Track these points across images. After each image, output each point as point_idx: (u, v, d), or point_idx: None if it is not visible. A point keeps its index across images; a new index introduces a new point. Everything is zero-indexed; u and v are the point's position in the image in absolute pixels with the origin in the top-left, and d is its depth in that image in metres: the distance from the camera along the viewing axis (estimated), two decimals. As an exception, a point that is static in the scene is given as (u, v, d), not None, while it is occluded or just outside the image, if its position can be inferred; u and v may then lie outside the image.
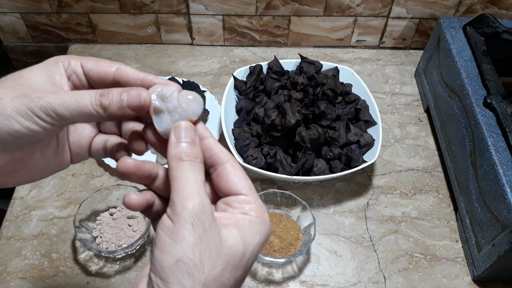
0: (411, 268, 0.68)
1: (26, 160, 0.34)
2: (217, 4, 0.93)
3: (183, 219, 0.27)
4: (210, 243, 0.28)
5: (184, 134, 0.31)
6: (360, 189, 0.77)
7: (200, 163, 0.31)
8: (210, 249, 0.28)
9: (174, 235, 0.27)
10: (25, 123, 0.30)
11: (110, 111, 0.31)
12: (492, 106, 0.67)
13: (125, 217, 0.68)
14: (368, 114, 0.78)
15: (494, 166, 0.61)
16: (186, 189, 0.29)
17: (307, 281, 0.66)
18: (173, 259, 0.27)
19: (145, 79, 0.34)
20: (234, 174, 0.32)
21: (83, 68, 0.34)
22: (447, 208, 0.75)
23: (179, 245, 0.27)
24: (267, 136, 0.74)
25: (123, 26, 0.97)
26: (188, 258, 0.27)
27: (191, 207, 0.28)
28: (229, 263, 0.28)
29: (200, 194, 0.29)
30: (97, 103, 0.31)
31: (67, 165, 0.38)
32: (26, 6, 0.92)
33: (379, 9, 0.95)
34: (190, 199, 0.28)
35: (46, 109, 0.30)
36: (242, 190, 0.32)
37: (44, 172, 0.36)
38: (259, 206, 0.32)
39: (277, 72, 0.83)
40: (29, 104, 0.29)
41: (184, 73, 0.95)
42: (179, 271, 0.27)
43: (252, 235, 0.30)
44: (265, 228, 0.31)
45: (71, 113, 0.30)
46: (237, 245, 0.29)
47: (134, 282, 0.31)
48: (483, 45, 0.77)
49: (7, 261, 0.66)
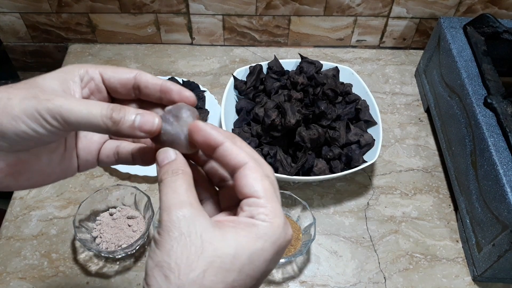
0: (411, 268, 0.68)
1: (32, 162, 0.34)
2: (217, 4, 0.92)
3: (163, 229, 0.29)
4: (188, 246, 0.28)
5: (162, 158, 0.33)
6: (360, 189, 0.77)
7: (181, 175, 0.31)
8: (188, 252, 0.28)
9: (157, 243, 0.29)
10: (31, 125, 0.30)
11: (120, 127, 0.31)
12: (492, 106, 0.67)
13: (125, 217, 0.68)
14: (368, 114, 0.78)
15: (494, 166, 0.61)
16: (165, 203, 0.30)
17: (307, 281, 0.66)
18: (154, 263, 0.29)
19: (163, 86, 0.35)
20: (249, 176, 0.31)
21: (102, 76, 0.35)
22: (447, 208, 0.75)
23: (160, 251, 0.28)
24: (267, 136, 0.74)
25: (123, 26, 0.97)
26: (165, 261, 0.28)
27: (166, 217, 0.29)
28: (213, 265, 0.28)
29: (177, 203, 0.29)
30: (107, 116, 0.31)
31: (73, 172, 0.38)
32: (26, 6, 0.92)
33: (379, 9, 0.94)
34: (167, 210, 0.29)
35: (53, 112, 0.30)
36: (255, 193, 0.31)
37: (49, 177, 0.36)
38: (271, 210, 0.30)
39: (277, 72, 0.83)
40: (36, 106, 0.30)
41: (184, 73, 0.95)
42: (158, 275, 0.28)
43: (251, 239, 0.29)
44: (273, 234, 0.29)
45: (78, 120, 0.30)
46: (225, 247, 0.28)
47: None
48: (483, 45, 0.77)
49: (6, 261, 0.66)
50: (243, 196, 0.31)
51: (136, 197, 0.69)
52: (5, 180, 0.33)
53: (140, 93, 0.35)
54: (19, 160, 0.33)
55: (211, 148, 0.32)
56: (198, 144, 0.33)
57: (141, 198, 0.68)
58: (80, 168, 0.38)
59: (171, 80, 0.87)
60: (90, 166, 0.39)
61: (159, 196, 0.31)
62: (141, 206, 0.69)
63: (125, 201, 0.70)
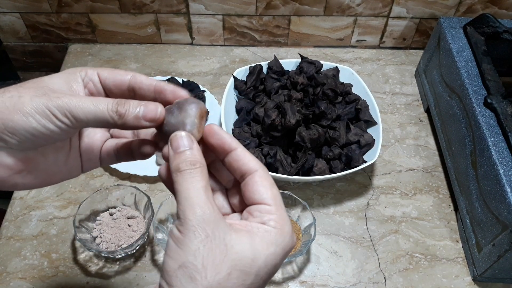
0: (411, 268, 0.68)
1: (38, 161, 0.35)
2: (217, 4, 0.92)
3: (186, 228, 0.29)
4: (213, 248, 0.28)
5: (177, 144, 0.32)
6: (360, 189, 0.77)
7: (199, 168, 0.31)
8: (214, 255, 0.28)
9: (179, 242, 0.29)
10: (42, 121, 0.31)
11: (125, 119, 0.32)
12: (492, 106, 0.67)
13: (125, 217, 0.68)
14: (368, 114, 0.78)
15: (494, 166, 0.61)
16: (188, 201, 0.30)
17: (307, 281, 0.66)
18: (177, 264, 0.29)
19: (157, 86, 0.36)
20: (259, 184, 0.32)
21: (99, 76, 0.36)
22: (447, 208, 0.75)
23: (183, 251, 0.29)
24: (267, 136, 0.74)
25: (123, 26, 0.97)
26: (190, 263, 0.28)
27: (191, 217, 0.29)
28: (235, 268, 0.29)
29: (201, 203, 0.30)
30: (113, 110, 0.32)
31: (78, 172, 0.39)
32: (26, 6, 0.92)
33: (379, 9, 0.95)
34: (191, 209, 0.29)
35: (63, 109, 0.31)
36: (265, 200, 0.32)
37: (54, 176, 0.37)
38: (280, 217, 0.32)
39: (277, 72, 0.83)
40: (47, 103, 0.31)
41: (184, 73, 0.95)
42: (182, 275, 0.28)
43: (265, 244, 0.30)
44: (282, 240, 0.31)
45: (87, 116, 0.31)
46: (245, 251, 0.29)
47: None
48: (483, 45, 0.77)
49: (6, 261, 0.66)
50: (252, 201, 0.32)
51: (136, 197, 0.69)
52: (12, 178, 0.34)
53: (135, 95, 0.36)
54: (26, 158, 0.34)
55: (224, 151, 0.34)
56: (212, 147, 0.34)
57: (141, 198, 0.68)
58: (84, 168, 0.40)
59: (171, 80, 0.87)
60: (94, 166, 0.40)
61: (174, 187, 0.31)
62: (141, 206, 0.69)
63: (125, 201, 0.70)
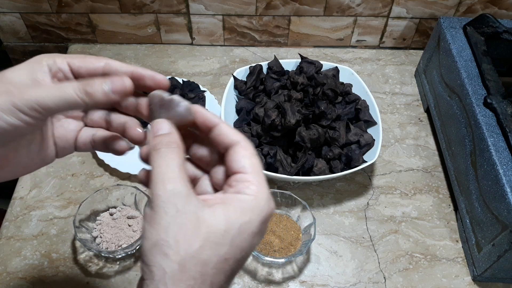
0: (411, 268, 0.68)
1: (11, 156, 0.35)
2: (217, 4, 0.93)
3: (156, 205, 0.29)
4: (185, 223, 0.28)
5: (157, 127, 0.33)
6: (360, 189, 0.77)
7: (176, 148, 0.32)
8: (186, 229, 0.28)
9: (151, 220, 0.29)
10: (8, 120, 0.30)
11: (95, 97, 0.32)
12: (492, 106, 0.67)
13: (125, 217, 0.68)
14: (368, 114, 0.78)
15: (494, 166, 0.61)
16: (160, 176, 0.30)
17: (307, 281, 0.66)
18: (150, 242, 0.29)
19: (135, 72, 0.35)
20: (239, 153, 0.32)
21: (70, 66, 0.35)
22: (447, 208, 0.75)
23: (155, 229, 0.28)
24: (267, 136, 0.74)
25: (123, 26, 0.97)
26: (162, 239, 0.28)
27: (161, 192, 0.29)
28: (208, 240, 0.28)
29: (173, 178, 0.30)
30: (81, 91, 0.31)
31: (52, 159, 0.39)
32: (26, 6, 0.92)
33: (379, 9, 0.95)
34: (162, 184, 0.29)
35: (30, 103, 0.30)
36: (243, 169, 0.32)
37: (30, 167, 0.37)
38: (257, 185, 0.31)
39: (277, 72, 0.83)
40: (12, 100, 0.30)
41: (184, 73, 0.95)
42: (157, 253, 0.28)
43: (239, 213, 0.30)
44: (258, 206, 0.31)
45: (56, 103, 0.31)
46: (218, 223, 0.29)
47: None
48: (483, 45, 0.77)
49: (7, 261, 0.66)
50: (232, 171, 0.32)
51: (136, 197, 0.69)
52: None
53: None
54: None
55: (207, 128, 0.34)
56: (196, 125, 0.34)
57: (141, 198, 0.68)
58: (58, 154, 0.39)
59: (171, 80, 0.87)
60: (68, 152, 0.40)
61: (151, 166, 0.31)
62: (141, 206, 0.69)
63: (125, 201, 0.70)
